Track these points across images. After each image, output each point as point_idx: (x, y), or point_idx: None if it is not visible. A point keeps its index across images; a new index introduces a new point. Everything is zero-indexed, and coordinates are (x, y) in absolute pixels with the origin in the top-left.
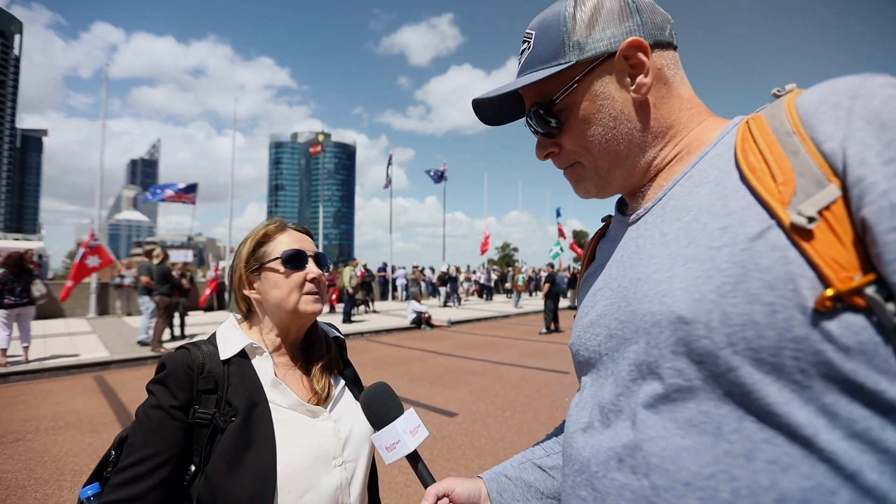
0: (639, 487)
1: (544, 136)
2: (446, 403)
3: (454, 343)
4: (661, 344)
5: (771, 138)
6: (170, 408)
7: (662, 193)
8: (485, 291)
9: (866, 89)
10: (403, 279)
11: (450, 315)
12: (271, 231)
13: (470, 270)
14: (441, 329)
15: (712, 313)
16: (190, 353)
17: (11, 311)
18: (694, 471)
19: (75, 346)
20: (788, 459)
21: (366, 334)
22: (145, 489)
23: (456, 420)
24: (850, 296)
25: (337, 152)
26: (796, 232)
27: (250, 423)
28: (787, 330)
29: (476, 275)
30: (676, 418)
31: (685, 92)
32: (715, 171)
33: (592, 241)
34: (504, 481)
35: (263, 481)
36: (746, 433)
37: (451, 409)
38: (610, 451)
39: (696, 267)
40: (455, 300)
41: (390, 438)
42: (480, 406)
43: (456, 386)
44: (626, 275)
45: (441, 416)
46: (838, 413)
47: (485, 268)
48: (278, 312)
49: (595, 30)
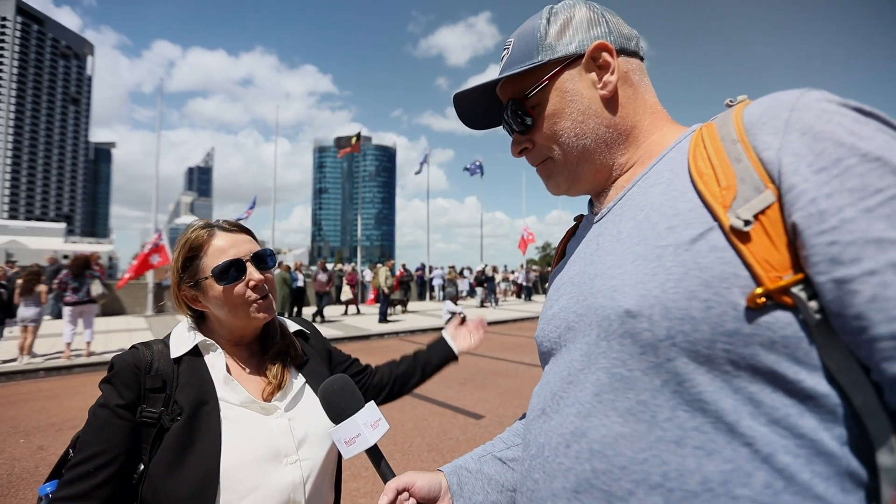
0: (581, 471)
1: (519, 134)
2: (474, 405)
3: (487, 344)
4: (609, 336)
5: (718, 145)
6: (116, 407)
7: (622, 194)
8: (523, 292)
9: (803, 103)
10: (440, 279)
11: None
12: (199, 240)
13: (507, 270)
14: None
15: (655, 308)
16: (139, 351)
17: (75, 309)
18: (630, 456)
19: (133, 341)
20: (713, 445)
21: (400, 334)
22: (91, 487)
23: (482, 423)
24: (779, 294)
25: (378, 155)
26: (734, 234)
27: (196, 421)
28: (720, 324)
29: (514, 275)
30: (617, 407)
31: (649, 98)
32: (668, 173)
33: (564, 239)
34: (465, 474)
35: (204, 480)
36: (678, 421)
37: (478, 412)
38: (560, 437)
39: (644, 264)
40: (493, 301)
41: (350, 432)
42: (508, 409)
43: (485, 387)
44: (586, 270)
45: (467, 419)
46: (762, 401)
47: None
48: (228, 321)
49: (565, 35)
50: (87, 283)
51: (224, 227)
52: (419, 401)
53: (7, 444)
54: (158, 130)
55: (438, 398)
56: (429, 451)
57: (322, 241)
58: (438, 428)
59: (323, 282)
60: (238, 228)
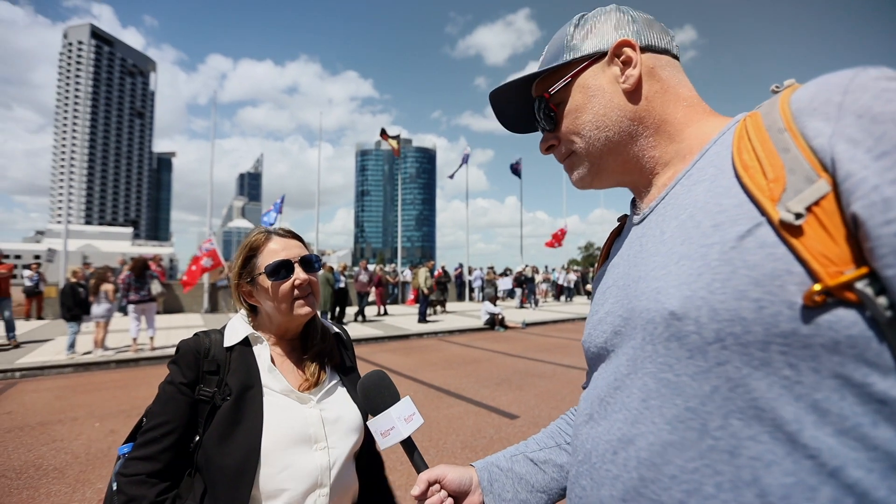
0: (629, 479)
1: (547, 132)
2: (508, 405)
3: (526, 345)
4: (655, 339)
5: (764, 135)
6: (179, 384)
7: (665, 193)
8: (564, 293)
9: (858, 83)
10: (480, 280)
11: (525, 316)
12: (257, 243)
13: (548, 271)
14: (515, 330)
15: (702, 309)
16: (200, 338)
17: (138, 307)
18: (680, 465)
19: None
20: (771, 456)
21: (439, 334)
22: (157, 450)
23: (516, 423)
24: (841, 290)
25: (418, 157)
26: (785, 228)
27: (242, 402)
28: (775, 325)
29: (554, 275)
30: (665, 414)
31: (683, 91)
32: (712, 168)
33: (608, 240)
34: (495, 471)
35: (248, 454)
36: (732, 430)
37: (513, 412)
38: (607, 444)
39: (688, 264)
40: (532, 301)
41: (385, 425)
42: (543, 410)
43: (521, 388)
44: (630, 273)
45: (501, 418)
46: (828, 409)
47: (563, 268)
48: (275, 315)
49: (590, 37)
50: (148, 283)
51: (279, 233)
52: (455, 399)
53: (84, 427)
54: (212, 139)
55: (474, 397)
56: (462, 448)
57: (364, 242)
58: (473, 426)
59: (364, 282)
60: (290, 235)
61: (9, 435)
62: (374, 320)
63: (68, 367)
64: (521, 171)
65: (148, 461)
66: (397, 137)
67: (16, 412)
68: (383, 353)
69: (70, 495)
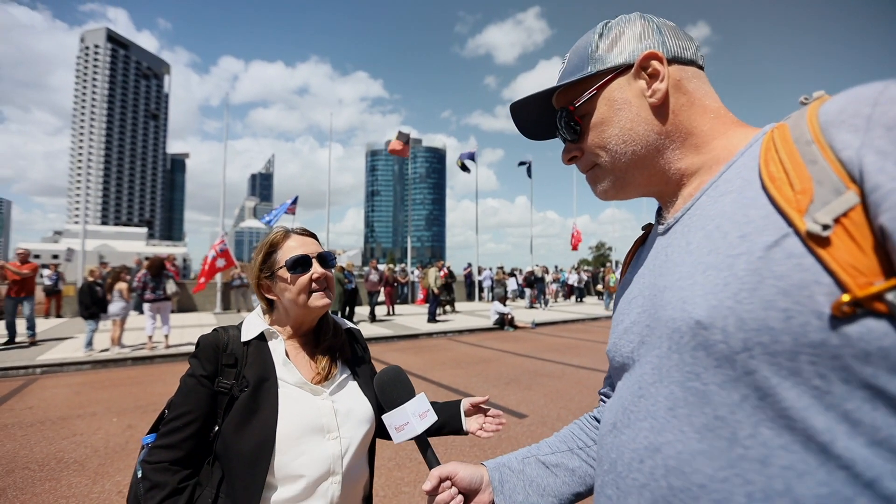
0: (657, 488)
1: (570, 143)
2: (517, 405)
3: (535, 345)
4: (681, 349)
5: (791, 147)
6: (200, 377)
7: (690, 203)
8: (574, 293)
9: (888, 96)
10: (489, 280)
11: (534, 316)
12: (277, 240)
13: (557, 271)
14: (524, 330)
15: (728, 319)
16: (218, 333)
17: (153, 305)
18: (709, 474)
19: None
20: (804, 466)
21: (448, 333)
22: (179, 439)
23: (524, 422)
24: (870, 301)
25: (428, 157)
26: (812, 239)
27: (259, 393)
28: (803, 335)
29: (563, 275)
30: (693, 422)
31: (710, 103)
32: (738, 180)
33: (632, 249)
34: (507, 472)
35: (264, 442)
36: (762, 439)
37: (522, 411)
38: (633, 453)
39: (715, 274)
40: (542, 302)
41: (400, 420)
42: (552, 409)
43: (530, 388)
44: (656, 283)
45: (510, 418)
46: (861, 420)
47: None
48: (293, 308)
49: (616, 48)
50: (164, 282)
51: (297, 232)
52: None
53: (103, 423)
54: (225, 140)
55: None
56: (471, 446)
57: (374, 242)
58: None
59: (375, 282)
60: (308, 234)
61: (31, 429)
62: (383, 320)
63: (86, 363)
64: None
65: (171, 449)
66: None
67: (37, 407)
68: (393, 353)
69: (90, 487)
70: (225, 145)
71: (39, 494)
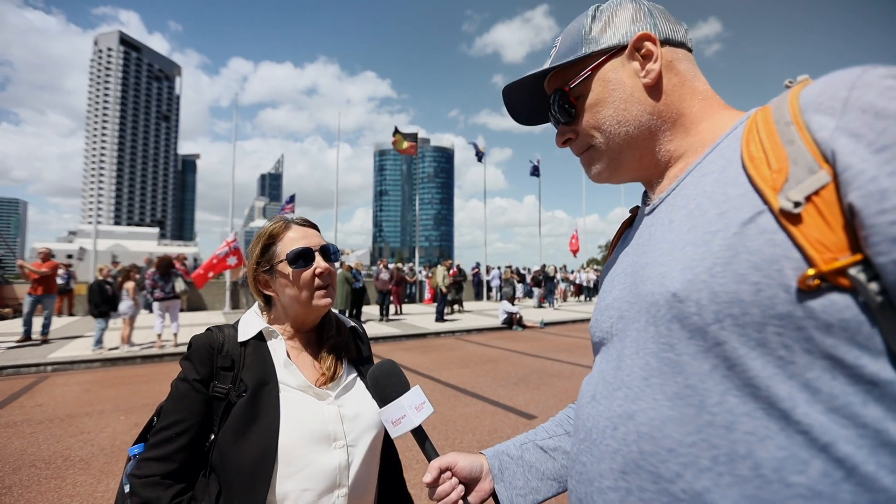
0: (628, 452)
1: (563, 125)
2: (526, 405)
3: (544, 344)
4: (658, 321)
5: (772, 128)
6: (193, 381)
7: (675, 184)
8: (583, 292)
9: (864, 80)
10: (498, 279)
11: (543, 316)
12: (276, 231)
13: (567, 270)
14: (533, 330)
15: (702, 292)
16: (213, 333)
17: (162, 304)
18: (678, 439)
19: None
20: (766, 431)
21: (456, 333)
22: (172, 450)
23: (533, 423)
24: (834, 276)
25: (436, 156)
26: (784, 216)
27: (258, 399)
28: (771, 307)
29: (573, 275)
30: (665, 390)
31: (699, 85)
32: (721, 161)
33: (619, 231)
34: (506, 459)
35: (265, 453)
36: (728, 406)
37: (530, 412)
38: (607, 420)
39: (692, 250)
40: (551, 301)
41: (396, 413)
42: (561, 409)
43: (539, 388)
44: (638, 260)
45: (518, 418)
46: (820, 388)
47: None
48: (293, 306)
49: (609, 29)
50: (172, 281)
51: (297, 222)
52: (471, 398)
53: (111, 420)
54: (234, 141)
55: (491, 396)
56: (478, 447)
57: (383, 242)
58: (490, 426)
59: (385, 280)
60: (309, 224)
61: (40, 426)
62: (392, 319)
63: (96, 361)
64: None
65: (162, 462)
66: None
67: (46, 404)
68: (400, 352)
69: (94, 486)
70: (234, 146)
71: (44, 493)
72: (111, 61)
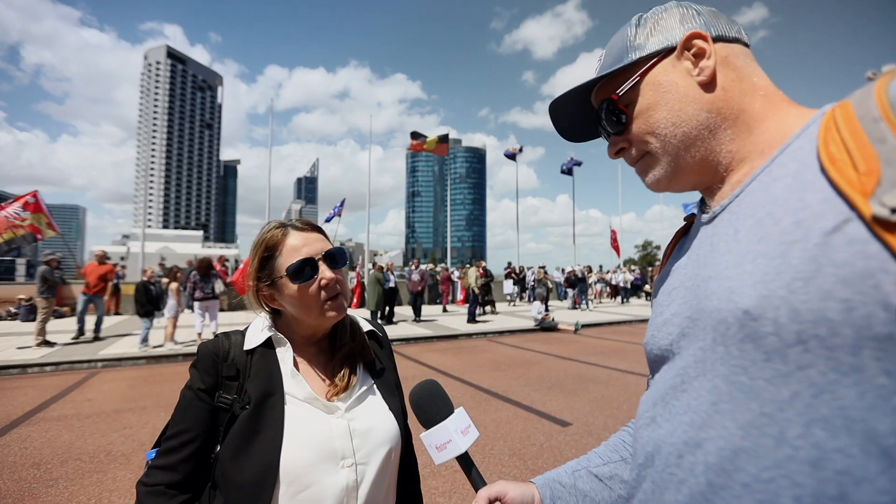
0: (696, 484)
1: (615, 135)
2: (560, 411)
3: (579, 347)
4: (727, 341)
5: (855, 126)
6: (198, 390)
7: (740, 190)
8: (620, 293)
9: None
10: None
11: (578, 318)
12: (274, 240)
13: (603, 271)
14: (567, 332)
15: (780, 309)
16: (219, 341)
17: (202, 304)
18: (753, 473)
19: None
20: (863, 472)
21: (489, 335)
22: (177, 460)
23: (568, 430)
24: None
25: (468, 157)
26: (879, 224)
27: (262, 411)
28: (867, 328)
29: (609, 275)
30: (737, 418)
31: (759, 81)
32: (794, 164)
33: (673, 240)
34: (558, 488)
35: (266, 470)
36: (814, 440)
37: (565, 418)
38: (671, 447)
39: (765, 263)
40: (585, 303)
41: (441, 438)
42: (598, 417)
43: (574, 393)
44: (699, 273)
45: (552, 425)
46: None
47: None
48: (302, 319)
49: (655, 34)
50: (212, 282)
51: (297, 226)
52: (503, 402)
53: (152, 416)
54: (270, 146)
55: (524, 401)
56: (510, 455)
57: (415, 243)
58: (522, 433)
59: (416, 281)
60: (310, 227)
61: (87, 420)
62: (423, 320)
63: (142, 359)
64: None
65: (167, 471)
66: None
67: (95, 399)
68: (432, 353)
69: (133, 481)
70: (270, 151)
71: (87, 486)
72: (159, 74)
